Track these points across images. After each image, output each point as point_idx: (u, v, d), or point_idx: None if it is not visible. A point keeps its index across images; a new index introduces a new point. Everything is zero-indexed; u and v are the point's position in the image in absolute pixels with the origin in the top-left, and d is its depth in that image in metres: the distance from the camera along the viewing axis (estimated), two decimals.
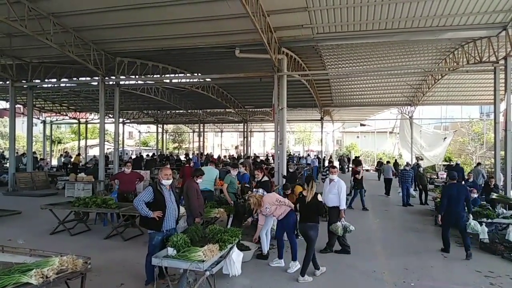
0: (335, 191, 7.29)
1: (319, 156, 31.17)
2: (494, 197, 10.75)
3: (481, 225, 8.08)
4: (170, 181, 5.41)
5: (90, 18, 11.76)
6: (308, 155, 34.65)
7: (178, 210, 5.54)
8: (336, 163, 22.74)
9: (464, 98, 23.89)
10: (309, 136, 53.69)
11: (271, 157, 28.43)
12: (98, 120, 17.53)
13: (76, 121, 34.13)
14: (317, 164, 24.95)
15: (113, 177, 9.89)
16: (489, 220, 8.29)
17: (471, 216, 7.79)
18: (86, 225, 8.92)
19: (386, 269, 6.39)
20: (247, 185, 8.72)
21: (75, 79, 18.24)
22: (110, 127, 31.97)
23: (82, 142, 35.36)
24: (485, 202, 10.23)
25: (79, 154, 26.72)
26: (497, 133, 12.51)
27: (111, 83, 15.93)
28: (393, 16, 11.12)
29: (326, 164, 23.27)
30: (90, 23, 12.20)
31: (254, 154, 35.41)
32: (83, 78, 18.31)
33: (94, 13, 11.31)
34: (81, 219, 8.91)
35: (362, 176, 12.91)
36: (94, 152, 35.62)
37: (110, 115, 27.84)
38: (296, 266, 6.14)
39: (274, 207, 6.43)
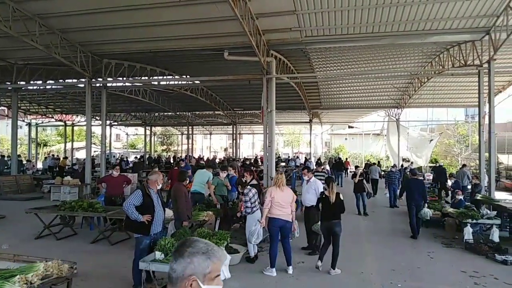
0: (312, 191, 7.41)
1: (306, 157, 31.32)
2: (478, 198, 10.95)
3: (465, 225, 8.24)
4: (159, 186, 5.41)
5: (77, 19, 11.61)
6: (297, 157, 34.77)
7: (164, 213, 5.51)
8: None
9: (450, 100, 24.31)
10: (298, 138, 53.93)
11: (259, 160, 28.44)
12: (85, 123, 17.30)
13: (62, 123, 33.63)
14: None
15: (100, 180, 9.75)
16: (474, 221, 8.43)
17: (426, 205, 9.20)
18: (72, 229, 8.79)
19: (373, 270, 6.45)
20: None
21: (61, 81, 17.97)
22: (97, 130, 31.56)
23: (69, 145, 34.83)
24: (469, 203, 10.43)
25: (65, 157, 26.32)
26: (481, 135, 12.74)
27: (98, 85, 15.73)
28: (379, 20, 11.26)
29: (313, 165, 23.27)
30: (77, 24, 12.05)
31: (244, 157, 35.35)
32: (70, 80, 18.05)
33: (81, 14, 11.17)
34: (67, 223, 8.78)
35: (360, 179, 12.42)
36: (81, 155, 35.12)
37: (97, 117, 27.50)
38: (291, 271, 6.20)
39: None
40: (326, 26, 11.75)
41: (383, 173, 21.80)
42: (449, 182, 15.88)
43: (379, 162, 25.95)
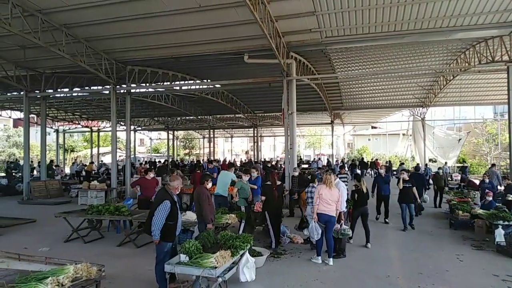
0: None
1: (329, 159, 30.97)
2: (510, 198, 10.54)
3: (497, 227, 7.94)
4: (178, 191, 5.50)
5: (100, 28, 11.99)
6: (319, 159, 34.46)
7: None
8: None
9: (477, 98, 23.55)
10: (320, 140, 53.46)
11: (281, 162, 28.32)
12: (110, 128, 17.75)
13: (88, 129, 34.65)
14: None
15: (135, 183, 9.86)
16: (506, 223, 8.11)
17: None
18: (100, 232, 8.99)
19: (400, 274, 6.29)
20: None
21: (87, 88, 18.56)
22: (121, 135, 32.45)
23: (95, 150, 35.82)
24: (501, 204, 10.04)
25: (92, 162, 27.06)
26: (511, 133, 12.28)
27: (122, 91, 16.16)
28: (402, 18, 11.07)
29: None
30: (101, 33, 12.44)
31: (264, 159, 35.32)
32: (95, 87, 18.61)
33: (104, 23, 11.54)
34: (95, 227, 9.00)
35: (407, 186, 9.92)
36: (106, 159, 36.03)
37: (121, 123, 28.19)
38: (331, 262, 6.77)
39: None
40: (346, 26, 11.65)
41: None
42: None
43: (403, 163, 25.35)
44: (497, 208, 9.09)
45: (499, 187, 13.13)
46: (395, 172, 17.09)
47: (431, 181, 15.23)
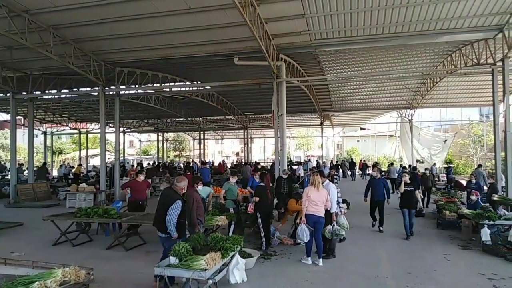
0: None
1: (319, 161, 31.19)
2: (495, 198, 10.75)
3: (482, 227, 8.10)
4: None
5: (89, 29, 11.88)
6: (309, 160, 34.63)
7: None
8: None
9: (463, 100, 23.93)
10: (310, 141, 53.71)
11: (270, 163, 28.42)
12: (99, 130, 17.59)
13: (77, 131, 34.22)
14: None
15: (125, 185, 9.77)
16: (491, 222, 8.27)
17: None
18: (88, 235, 8.91)
19: (389, 273, 6.37)
20: None
21: (75, 89, 18.35)
22: (110, 137, 31.97)
23: (83, 153, 35.42)
24: (487, 204, 10.22)
25: (80, 165, 26.76)
26: (497, 134, 12.53)
27: (111, 93, 16.02)
28: (390, 21, 11.22)
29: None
30: (89, 34, 12.33)
31: (256, 161, 35.35)
32: (83, 89, 18.42)
33: (93, 24, 11.43)
34: (83, 230, 8.90)
35: (408, 190, 9.20)
36: (95, 162, 35.67)
37: (110, 125, 27.92)
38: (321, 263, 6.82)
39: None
40: (335, 28, 11.76)
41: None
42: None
43: (392, 163, 25.73)
44: (483, 208, 9.26)
45: (484, 187, 13.37)
46: (383, 174, 17.31)
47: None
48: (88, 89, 18.01)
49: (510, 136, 12.02)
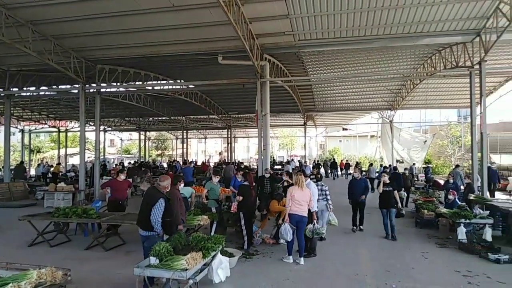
0: None
1: (301, 162, 31.46)
2: (471, 198, 11.05)
3: (459, 225, 8.31)
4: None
5: (70, 25, 11.62)
6: (292, 160, 34.81)
7: None
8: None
9: (442, 102, 24.54)
10: (293, 141, 54.01)
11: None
12: (79, 128, 17.22)
13: (56, 129, 33.46)
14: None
15: (105, 184, 9.57)
16: (467, 221, 8.50)
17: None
18: (66, 236, 8.72)
19: (368, 272, 6.47)
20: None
21: (54, 87, 17.92)
22: (91, 135, 31.43)
23: (62, 151, 34.65)
24: (464, 203, 10.50)
25: (59, 163, 26.15)
26: (474, 135, 12.87)
27: (91, 90, 15.70)
28: (372, 23, 11.40)
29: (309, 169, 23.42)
30: (70, 30, 12.06)
31: (239, 161, 35.33)
32: (63, 86, 18.00)
33: (74, 20, 11.19)
34: (61, 230, 8.72)
35: (387, 190, 9.10)
36: (75, 161, 34.91)
37: (90, 123, 27.41)
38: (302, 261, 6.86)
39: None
40: (319, 29, 11.86)
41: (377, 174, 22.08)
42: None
43: (371, 163, 26.24)
44: (460, 207, 9.52)
45: (462, 187, 13.73)
46: (364, 173, 17.64)
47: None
48: (68, 86, 17.56)
49: (486, 137, 12.37)
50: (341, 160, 33.27)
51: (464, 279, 6.06)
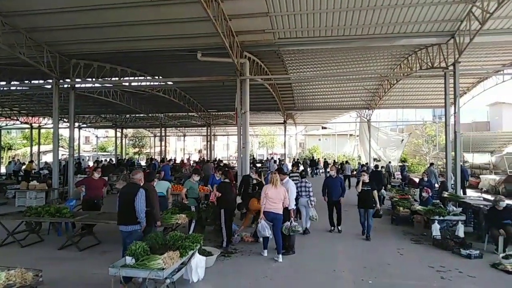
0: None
1: (280, 159, 31.73)
2: (445, 195, 11.37)
3: (433, 222, 8.53)
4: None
5: (44, 18, 11.22)
6: (272, 158, 34.96)
7: None
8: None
9: (418, 101, 25.18)
10: (273, 140, 54.23)
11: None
12: (52, 125, 16.67)
13: (28, 126, 32.35)
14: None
15: (80, 183, 9.28)
16: (441, 218, 8.72)
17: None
18: (39, 235, 8.43)
19: (346, 268, 6.57)
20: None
21: (27, 82, 17.32)
22: (65, 132, 30.58)
23: (35, 148, 33.54)
24: (438, 201, 10.79)
25: (31, 161, 25.27)
26: (448, 135, 13.24)
27: (66, 86, 15.23)
28: (350, 23, 11.54)
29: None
30: (44, 23, 11.64)
31: (218, 159, 35.18)
32: (36, 81, 17.41)
33: (48, 13, 10.81)
34: (33, 230, 8.42)
35: (365, 189, 8.90)
36: (48, 158, 33.86)
37: (65, 120, 26.63)
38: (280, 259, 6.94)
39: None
40: (298, 28, 11.91)
41: (355, 172, 22.57)
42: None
43: (347, 161, 26.79)
44: (434, 204, 9.77)
45: (436, 185, 14.11)
46: (341, 171, 17.95)
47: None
48: (41, 81, 17.03)
49: (460, 136, 12.75)
50: (318, 159, 33.73)
51: (437, 274, 6.22)
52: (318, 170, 29.85)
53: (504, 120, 32.83)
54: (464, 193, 13.15)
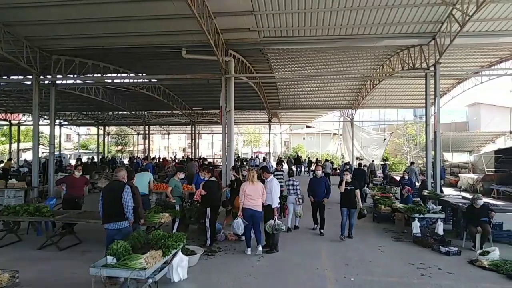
0: (268, 190, 7.53)
1: (265, 157, 31.84)
2: (425, 193, 11.61)
3: (413, 220, 8.70)
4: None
5: (23, 12, 10.92)
6: (257, 156, 34.99)
7: None
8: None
9: (399, 101, 25.62)
10: (258, 138, 54.30)
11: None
12: (32, 122, 16.25)
13: (7, 123, 31.47)
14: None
15: (60, 181, 9.08)
16: (421, 216, 8.90)
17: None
18: (17, 235, 8.21)
19: (328, 265, 6.64)
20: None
21: (5, 77, 16.80)
22: (45, 129, 29.84)
23: (14, 146, 32.67)
24: (418, 199, 11.02)
25: (10, 159, 24.59)
26: (428, 134, 13.51)
27: (46, 82, 14.88)
28: (334, 23, 11.64)
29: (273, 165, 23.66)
30: (23, 18, 11.32)
31: (203, 157, 35.00)
32: (15, 77, 16.93)
33: (27, 7, 10.52)
34: (11, 229, 8.20)
35: (348, 189, 8.79)
36: (28, 156, 33.03)
37: (45, 117, 26.00)
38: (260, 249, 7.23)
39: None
40: (283, 27, 11.95)
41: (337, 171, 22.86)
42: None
43: (327, 159, 27.21)
44: (414, 202, 9.97)
45: (416, 183, 14.39)
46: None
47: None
48: (21, 77, 16.55)
49: (440, 136, 13.02)
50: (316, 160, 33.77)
51: (417, 271, 6.36)
52: (301, 168, 30.05)
53: (482, 121, 33.70)
54: (441, 191, 13.45)
